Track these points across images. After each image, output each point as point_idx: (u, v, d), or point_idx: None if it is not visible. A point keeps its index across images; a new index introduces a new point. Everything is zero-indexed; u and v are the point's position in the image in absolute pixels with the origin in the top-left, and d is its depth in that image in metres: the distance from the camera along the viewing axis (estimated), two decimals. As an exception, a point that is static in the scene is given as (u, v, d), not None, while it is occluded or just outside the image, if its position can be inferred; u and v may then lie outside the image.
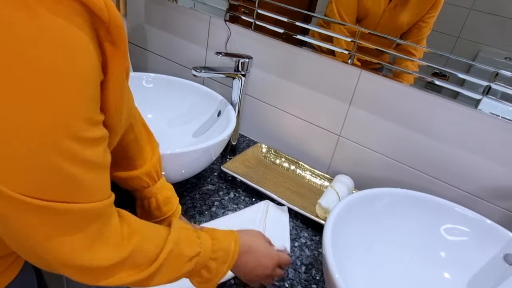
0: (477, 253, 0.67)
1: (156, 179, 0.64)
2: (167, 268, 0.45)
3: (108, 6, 0.33)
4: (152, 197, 0.63)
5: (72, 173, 0.34)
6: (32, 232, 0.35)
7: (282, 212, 0.79)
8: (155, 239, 0.45)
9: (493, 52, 0.68)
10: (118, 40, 0.36)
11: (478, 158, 0.76)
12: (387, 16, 0.77)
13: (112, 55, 0.36)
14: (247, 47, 0.98)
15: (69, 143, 0.33)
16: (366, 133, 0.88)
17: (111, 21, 0.34)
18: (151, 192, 0.63)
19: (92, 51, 0.34)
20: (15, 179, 0.32)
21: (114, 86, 0.38)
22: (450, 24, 0.71)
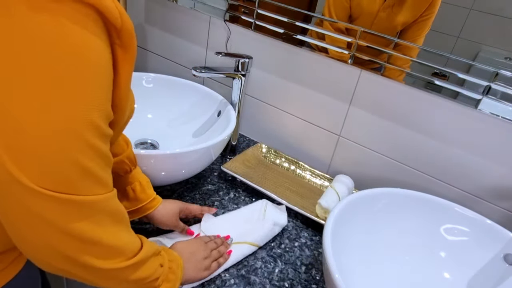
0: (477, 253, 0.67)
1: (135, 163, 0.67)
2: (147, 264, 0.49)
3: (121, 14, 0.36)
4: (135, 181, 0.66)
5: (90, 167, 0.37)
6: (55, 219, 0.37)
7: (281, 212, 0.79)
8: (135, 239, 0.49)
9: (493, 52, 0.68)
10: (128, 45, 0.38)
11: (478, 158, 0.76)
12: (381, 16, 0.77)
13: (122, 58, 0.39)
14: (247, 47, 0.98)
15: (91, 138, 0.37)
16: (366, 133, 0.88)
17: (123, 28, 0.37)
18: (134, 176, 0.66)
19: (106, 55, 0.37)
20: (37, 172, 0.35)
21: (122, 87, 0.41)
22: (450, 24, 0.71)
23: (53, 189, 0.36)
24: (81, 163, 0.37)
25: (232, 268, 0.67)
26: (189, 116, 1.00)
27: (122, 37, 0.37)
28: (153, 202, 0.68)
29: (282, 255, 0.72)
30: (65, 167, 0.36)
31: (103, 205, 0.41)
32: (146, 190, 0.67)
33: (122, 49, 0.38)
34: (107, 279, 0.45)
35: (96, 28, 0.35)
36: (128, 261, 0.45)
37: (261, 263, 0.69)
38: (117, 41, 0.38)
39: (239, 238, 0.70)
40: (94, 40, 0.35)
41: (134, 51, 0.40)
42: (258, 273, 0.67)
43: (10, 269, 0.52)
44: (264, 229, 0.72)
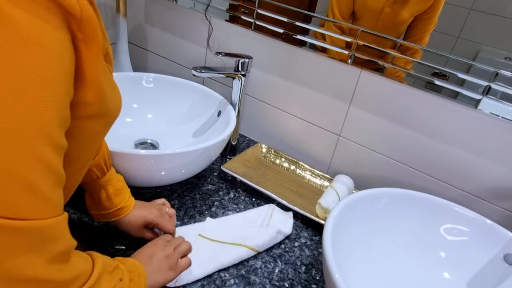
0: (477, 253, 0.67)
1: (106, 171, 0.63)
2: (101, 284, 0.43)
3: (79, 2, 0.32)
4: (101, 188, 0.62)
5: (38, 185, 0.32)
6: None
7: (287, 219, 0.79)
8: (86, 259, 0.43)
9: (493, 52, 0.68)
10: (91, 37, 0.35)
11: (478, 158, 0.76)
12: (387, 12, 0.76)
13: (86, 54, 0.35)
14: (247, 47, 0.98)
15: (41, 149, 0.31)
16: (366, 133, 0.88)
17: (83, 16, 0.33)
18: (100, 183, 0.62)
19: (68, 49, 0.33)
20: None
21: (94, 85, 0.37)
22: (450, 24, 0.71)
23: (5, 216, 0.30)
24: (26, 180, 0.31)
25: (232, 268, 0.67)
26: (189, 116, 1.00)
27: (83, 28, 0.33)
28: (118, 211, 0.63)
29: (282, 255, 0.72)
30: (6, 185, 0.30)
31: (52, 231, 0.34)
32: (112, 200, 0.63)
33: (85, 43, 0.35)
34: None
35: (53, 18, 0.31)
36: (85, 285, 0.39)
37: (261, 263, 0.69)
38: (80, 35, 0.34)
39: (239, 240, 0.70)
40: (51, 31, 0.31)
41: (99, 43, 0.36)
42: (258, 273, 0.67)
43: None
44: (267, 235, 0.72)
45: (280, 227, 0.74)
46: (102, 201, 0.63)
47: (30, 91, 0.30)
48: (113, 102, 0.45)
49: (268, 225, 0.75)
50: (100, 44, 0.36)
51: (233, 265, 0.67)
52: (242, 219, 0.77)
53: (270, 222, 0.76)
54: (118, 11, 1.03)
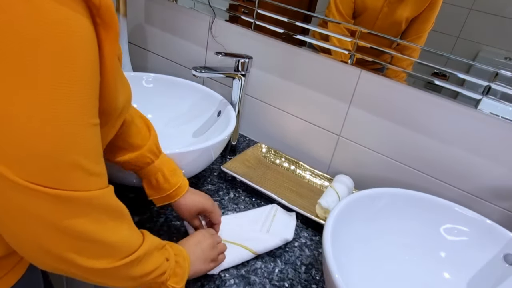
0: (477, 253, 0.67)
1: (158, 154, 0.65)
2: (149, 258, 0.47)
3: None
4: (158, 172, 0.65)
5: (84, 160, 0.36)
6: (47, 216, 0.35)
7: (289, 222, 0.79)
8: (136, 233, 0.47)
9: (493, 52, 0.68)
10: (109, 23, 0.36)
11: (478, 158, 0.76)
12: (385, 11, 0.77)
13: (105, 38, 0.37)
14: (247, 47, 0.98)
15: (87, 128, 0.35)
16: (366, 133, 0.88)
17: (102, 5, 0.34)
18: (156, 167, 0.64)
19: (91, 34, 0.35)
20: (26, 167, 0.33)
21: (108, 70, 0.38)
22: (450, 24, 0.71)
23: (44, 184, 0.34)
24: (72, 156, 0.35)
25: (232, 268, 0.67)
26: (189, 116, 1.00)
27: (102, 15, 0.35)
28: (176, 191, 0.66)
29: (282, 255, 0.72)
30: (56, 161, 0.34)
31: (99, 201, 0.39)
32: (170, 179, 0.65)
33: (104, 29, 0.36)
34: (108, 277, 0.43)
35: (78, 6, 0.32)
36: (127, 258, 0.43)
37: (261, 263, 0.69)
38: (98, 20, 0.35)
39: (241, 241, 0.70)
40: (79, 18, 0.32)
41: (117, 30, 0.37)
42: (258, 273, 0.67)
43: (11, 275, 0.51)
44: (271, 243, 0.71)
45: (284, 234, 0.73)
46: (160, 184, 0.65)
47: (69, 74, 0.32)
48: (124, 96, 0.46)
49: (271, 226, 0.75)
50: (118, 34, 0.38)
51: (233, 265, 0.67)
52: (245, 218, 0.77)
53: (272, 223, 0.76)
54: (118, 11, 1.03)
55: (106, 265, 0.41)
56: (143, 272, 0.46)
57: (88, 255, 0.39)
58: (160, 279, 0.49)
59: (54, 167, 0.34)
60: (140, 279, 0.47)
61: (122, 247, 0.43)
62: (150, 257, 0.47)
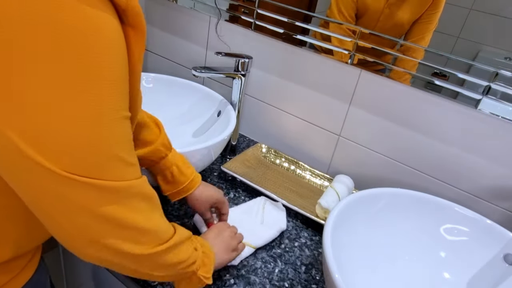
0: (477, 253, 0.67)
1: (170, 148, 0.67)
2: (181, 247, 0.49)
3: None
4: (172, 165, 0.66)
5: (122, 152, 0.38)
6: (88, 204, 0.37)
7: (280, 212, 0.80)
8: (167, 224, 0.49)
9: (493, 52, 0.68)
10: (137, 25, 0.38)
11: (478, 158, 0.76)
12: (387, 13, 0.76)
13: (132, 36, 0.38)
14: (247, 47, 0.98)
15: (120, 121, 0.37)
16: (366, 133, 0.88)
17: (128, 7, 0.36)
18: (170, 161, 0.66)
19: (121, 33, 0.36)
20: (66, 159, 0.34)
21: (136, 70, 0.40)
22: (450, 24, 0.71)
23: (85, 175, 0.35)
24: (111, 148, 0.36)
25: (232, 268, 0.67)
26: (189, 116, 1.00)
27: (128, 16, 0.36)
28: (192, 183, 0.67)
29: (282, 255, 0.72)
30: (96, 153, 0.35)
31: (136, 190, 0.40)
32: (184, 172, 0.67)
33: (132, 28, 0.38)
34: (144, 264, 0.45)
35: (106, 7, 0.34)
36: (163, 245, 0.45)
37: (261, 263, 0.69)
38: (125, 20, 0.37)
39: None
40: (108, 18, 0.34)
41: (144, 31, 0.39)
42: (258, 273, 0.67)
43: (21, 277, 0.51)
44: (268, 235, 0.73)
45: (278, 224, 0.75)
46: (176, 177, 0.66)
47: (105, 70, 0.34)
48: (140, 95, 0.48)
49: (263, 217, 0.76)
50: (145, 35, 0.39)
51: (233, 265, 0.67)
52: (237, 211, 0.78)
53: (264, 214, 0.77)
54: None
55: (145, 251, 0.43)
56: (178, 259, 0.48)
57: (129, 241, 0.41)
58: (191, 269, 0.51)
59: (94, 159, 0.35)
60: (174, 268, 0.48)
61: (159, 233, 0.45)
62: (183, 246, 0.49)
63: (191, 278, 0.53)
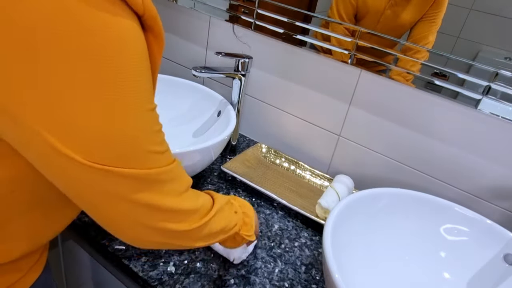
0: (477, 253, 0.67)
1: None
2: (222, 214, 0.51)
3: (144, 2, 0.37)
4: None
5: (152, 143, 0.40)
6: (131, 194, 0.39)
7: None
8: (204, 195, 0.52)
9: (493, 52, 0.68)
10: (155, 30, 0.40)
11: (478, 158, 0.76)
12: (388, 14, 0.76)
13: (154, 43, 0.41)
14: (247, 47, 0.98)
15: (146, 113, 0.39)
16: (366, 133, 0.88)
17: (145, 14, 0.38)
18: None
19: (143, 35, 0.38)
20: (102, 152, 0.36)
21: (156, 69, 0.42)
22: (450, 24, 0.71)
23: (121, 166, 0.37)
24: (143, 140, 0.39)
25: (232, 268, 0.67)
26: (189, 116, 1.00)
27: (146, 20, 0.39)
28: None
29: (282, 255, 0.72)
30: (130, 146, 0.37)
31: (167, 176, 0.42)
32: None
33: (151, 33, 0.40)
34: (189, 238, 0.47)
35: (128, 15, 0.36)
36: (205, 217, 0.47)
37: (261, 263, 0.69)
38: (144, 25, 0.39)
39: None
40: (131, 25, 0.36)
41: (162, 36, 0.41)
42: (258, 273, 0.67)
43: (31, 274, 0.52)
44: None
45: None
46: None
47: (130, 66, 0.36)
48: None
49: None
50: (163, 40, 0.41)
51: (233, 265, 0.67)
52: None
53: None
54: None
55: (189, 227, 0.45)
56: (220, 227, 0.50)
57: (172, 222, 0.43)
58: (234, 230, 0.54)
59: (129, 151, 0.38)
60: (217, 235, 0.51)
61: (198, 209, 0.47)
62: (223, 213, 0.52)
63: (235, 237, 0.56)
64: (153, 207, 0.41)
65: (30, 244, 0.49)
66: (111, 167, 0.37)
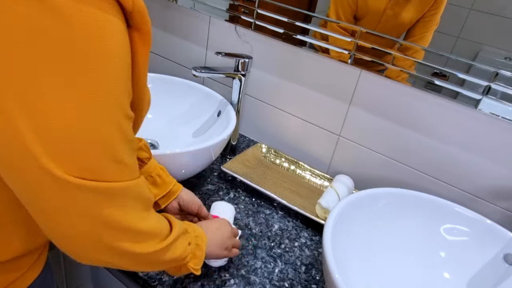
0: (477, 253, 0.67)
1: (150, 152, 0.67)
2: (177, 244, 0.49)
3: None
4: (157, 167, 0.67)
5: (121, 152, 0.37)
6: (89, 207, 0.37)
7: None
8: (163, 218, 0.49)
9: (493, 52, 0.68)
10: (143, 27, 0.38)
11: (478, 158, 0.76)
12: (389, 14, 0.76)
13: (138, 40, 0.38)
14: (247, 47, 0.98)
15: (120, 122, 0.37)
16: (366, 133, 0.88)
17: (134, 10, 0.36)
18: (154, 163, 0.66)
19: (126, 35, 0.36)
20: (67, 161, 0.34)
21: (141, 69, 0.40)
22: (450, 24, 0.71)
23: (83, 177, 0.35)
24: (111, 149, 0.36)
25: (232, 268, 0.67)
26: (189, 116, 1.00)
27: (134, 17, 0.37)
28: (177, 184, 0.69)
29: (282, 255, 0.72)
30: (96, 154, 0.35)
31: (135, 190, 0.40)
32: (168, 175, 0.68)
33: (138, 31, 0.38)
34: (144, 263, 0.45)
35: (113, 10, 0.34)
36: (162, 243, 0.45)
37: (261, 263, 0.69)
38: (131, 22, 0.37)
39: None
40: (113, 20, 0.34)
41: (150, 32, 0.39)
42: (258, 273, 0.67)
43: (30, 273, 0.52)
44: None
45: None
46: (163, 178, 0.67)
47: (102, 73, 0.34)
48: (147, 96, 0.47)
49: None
50: (151, 36, 0.39)
51: (233, 265, 0.67)
52: None
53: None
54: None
55: (145, 250, 0.43)
56: (174, 256, 0.48)
57: (129, 241, 0.41)
58: (183, 262, 0.52)
59: (93, 161, 0.35)
60: (169, 263, 0.49)
61: (157, 232, 0.45)
62: (179, 242, 0.49)
63: (180, 268, 0.53)
64: (113, 224, 0.39)
65: (26, 242, 0.48)
66: (80, 178, 0.35)
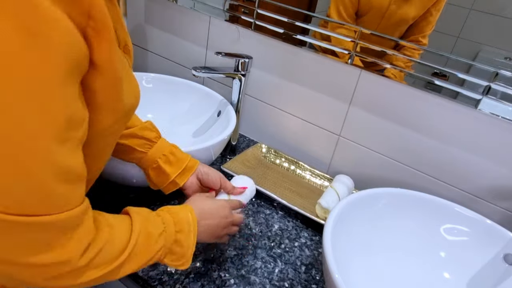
0: (477, 253, 0.67)
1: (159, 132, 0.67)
2: (137, 253, 0.44)
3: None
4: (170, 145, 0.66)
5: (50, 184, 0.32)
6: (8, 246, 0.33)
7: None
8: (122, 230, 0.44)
9: (493, 52, 0.68)
10: (101, 24, 0.33)
11: (478, 158, 0.76)
12: (393, 9, 0.76)
13: (96, 42, 0.34)
14: (247, 47, 0.98)
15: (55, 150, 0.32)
16: (366, 133, 0.88)
17: (91, 6, 0.32)
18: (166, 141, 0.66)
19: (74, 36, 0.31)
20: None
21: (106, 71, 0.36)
22: (450, 24, 0.71)
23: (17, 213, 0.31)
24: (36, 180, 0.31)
25: (232, 268, 0.67)
26: (189, 116, 1.00)
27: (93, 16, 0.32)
28: (193, 160, 0.67)
29: (282, 255, 0.72)
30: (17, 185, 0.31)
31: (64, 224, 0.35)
32: (182, 151, 0.67)
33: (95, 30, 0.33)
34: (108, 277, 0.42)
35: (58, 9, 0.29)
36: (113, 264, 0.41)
37: (261, 263, 0.69)
38: (90, 23, 0.32)
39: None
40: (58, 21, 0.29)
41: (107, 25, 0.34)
42: (258, 273, 0.67)
43: None
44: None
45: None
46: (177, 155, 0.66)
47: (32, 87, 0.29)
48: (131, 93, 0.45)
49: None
50: (112, 34, 0.35)
51: (233, 265, 0.67)
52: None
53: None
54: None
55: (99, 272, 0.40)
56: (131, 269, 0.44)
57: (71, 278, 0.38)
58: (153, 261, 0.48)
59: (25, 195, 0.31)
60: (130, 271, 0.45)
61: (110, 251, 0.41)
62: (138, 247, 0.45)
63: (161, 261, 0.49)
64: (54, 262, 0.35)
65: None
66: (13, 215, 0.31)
